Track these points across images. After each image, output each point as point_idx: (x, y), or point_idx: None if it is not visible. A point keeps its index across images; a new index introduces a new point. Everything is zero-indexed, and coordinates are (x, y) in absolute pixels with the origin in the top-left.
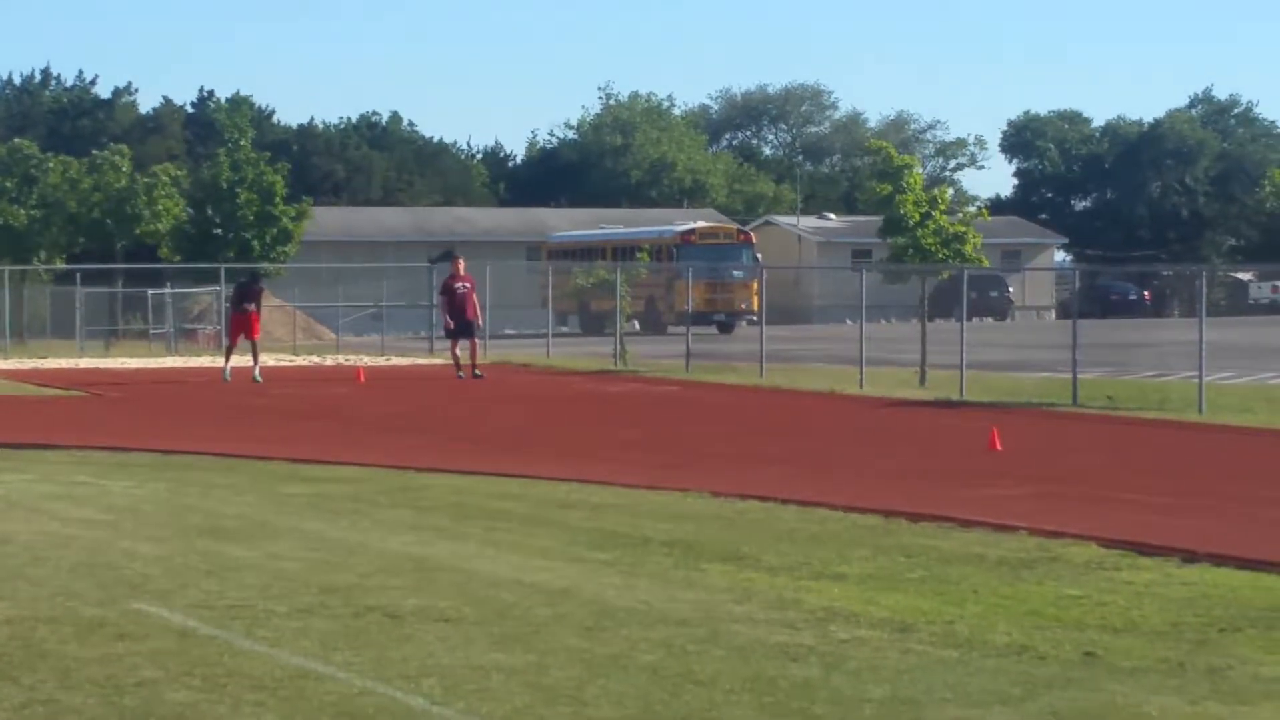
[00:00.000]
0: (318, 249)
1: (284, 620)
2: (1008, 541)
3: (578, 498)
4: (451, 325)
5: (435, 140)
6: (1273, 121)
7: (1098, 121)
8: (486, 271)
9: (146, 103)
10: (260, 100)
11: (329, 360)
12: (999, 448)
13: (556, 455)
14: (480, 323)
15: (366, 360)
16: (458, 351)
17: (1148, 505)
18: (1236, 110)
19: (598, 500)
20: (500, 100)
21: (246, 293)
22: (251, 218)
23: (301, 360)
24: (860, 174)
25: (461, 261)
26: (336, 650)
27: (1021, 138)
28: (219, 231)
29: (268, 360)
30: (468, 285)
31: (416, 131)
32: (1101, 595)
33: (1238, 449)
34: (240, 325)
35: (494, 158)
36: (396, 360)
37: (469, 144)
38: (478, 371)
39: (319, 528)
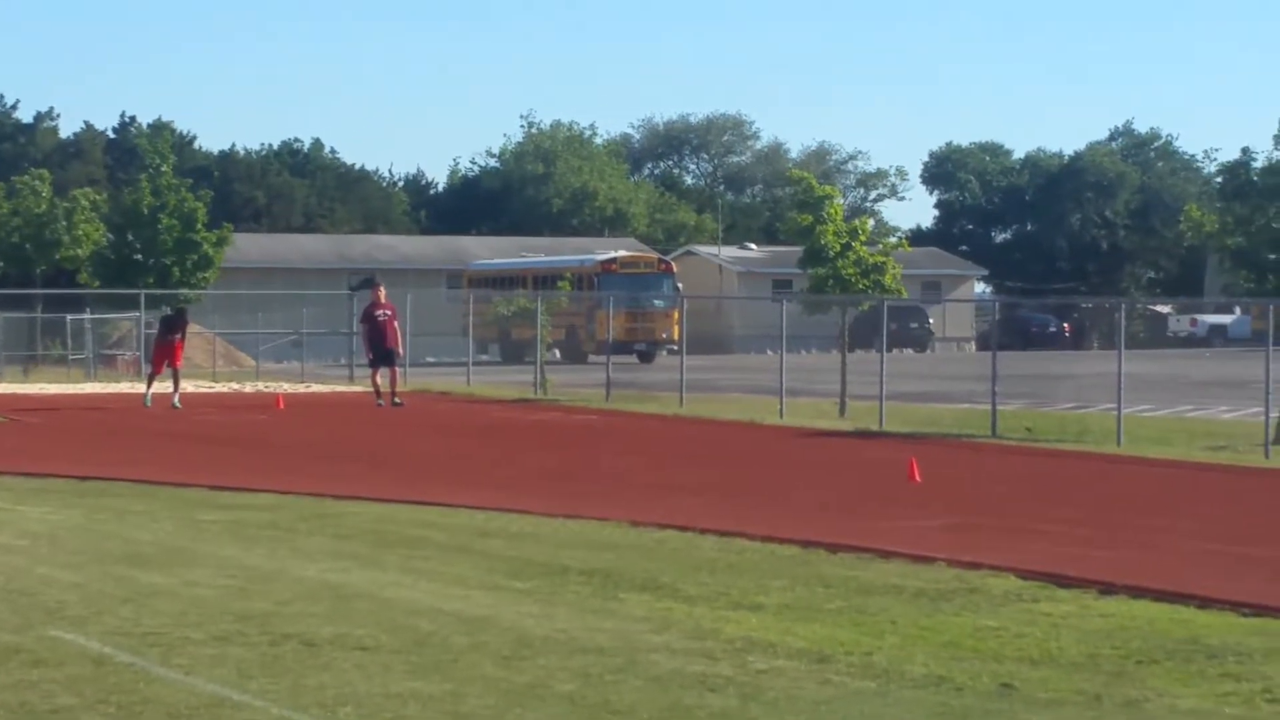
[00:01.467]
0: (238, 275)
1: (200, 648)
2: (926, 573)
3: (496, 526)
4: (372, 353)
5: (357, 167)
6: (1192, 155)
7: (1018, 153)
8: (407, 299)
9: (68, 128)
10: (182, 126)
11: (249, 387)
12: (918, 479)
13: (475, 484)
14: (401, 351)
15: (286, 387)
16: (378, 379)
17: (1066, 537)
18: (1156, 144)
19: (516, 529)
20: (422, 128)
21: (173, 324)
22: (172, 244)
23: (221, 387)
24: (781, 204)
25: (382, 289)
26: (252, 678)
27: (942, 169)
28: (139, 257)
29: (187, 387)
30: (389, 313)
31: (338, 158)
32: (1019, 627)
33: (1156, 481)
34: (164, 353)
35: (415, 185)
36: (316, 387)
37: (390, 171)
38: (397, 399)
39: (236, 555)
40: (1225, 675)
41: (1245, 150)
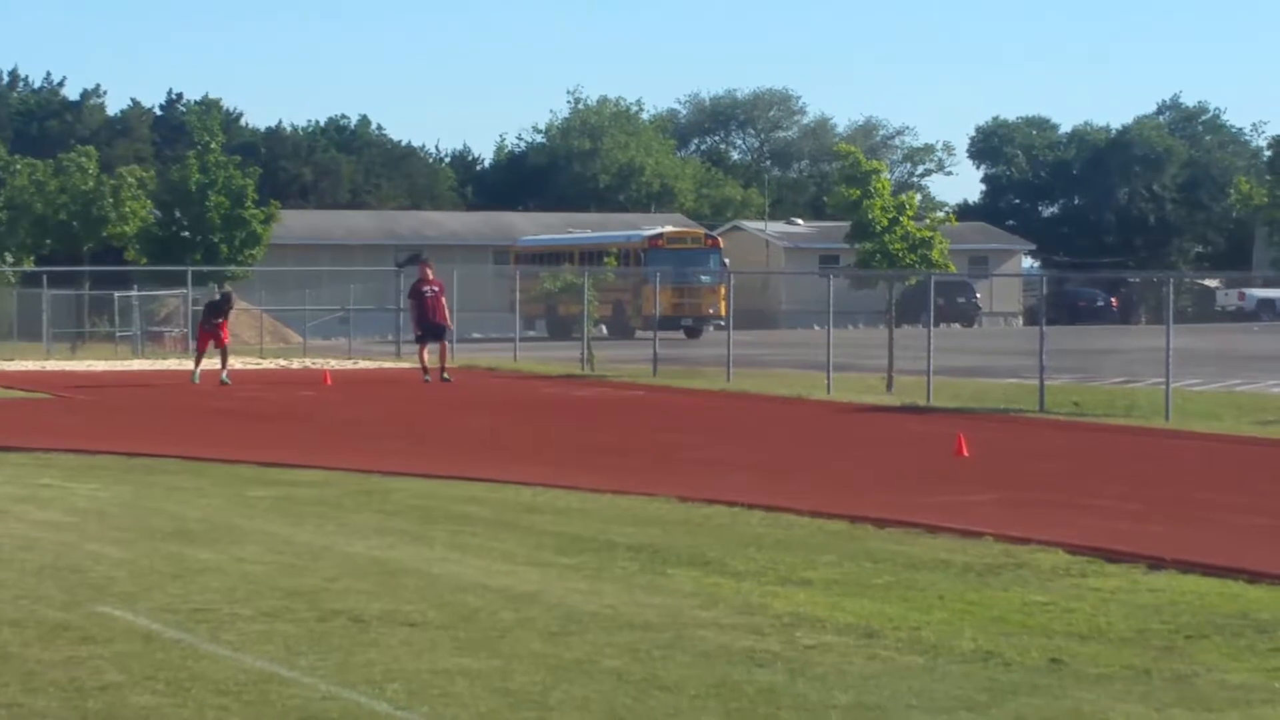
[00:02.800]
0: (285, 252)
1: (249, 624)
2: (974, 547)
3: (543, 502)
4: (419, 329)
5: (403, 143)
6: (1240, 129)
7: (1065, 128)
8: (454, 275)
9: (114, 105)
10: (229, 103)
11: (296, 363)
12: (966, 453)
13: (523, 459)
14: (450, 326)
15: (333, 363)
16: (425, 355)
17: (1115, 512)
18: (1204, 117)
19: (563, 504)
20: (469, 104)
21: (218, 309)
22: (220, 221)
23: (268, 363)
24: (828, 179)
25: (430, 265)
26: (301, 654)
27: (989, 144)
28: (187, 234)
29: (235, 363)
30: (436, 289)
31: (385, 135)
32: (1068, 602)
33: (1205, 456)
34: (209, 336)
35: (462, 161)
36: (364, 363)
37: (437, 147)
38: (446, 375)
39: (284, 531)
40: (1275, 650)
41: None
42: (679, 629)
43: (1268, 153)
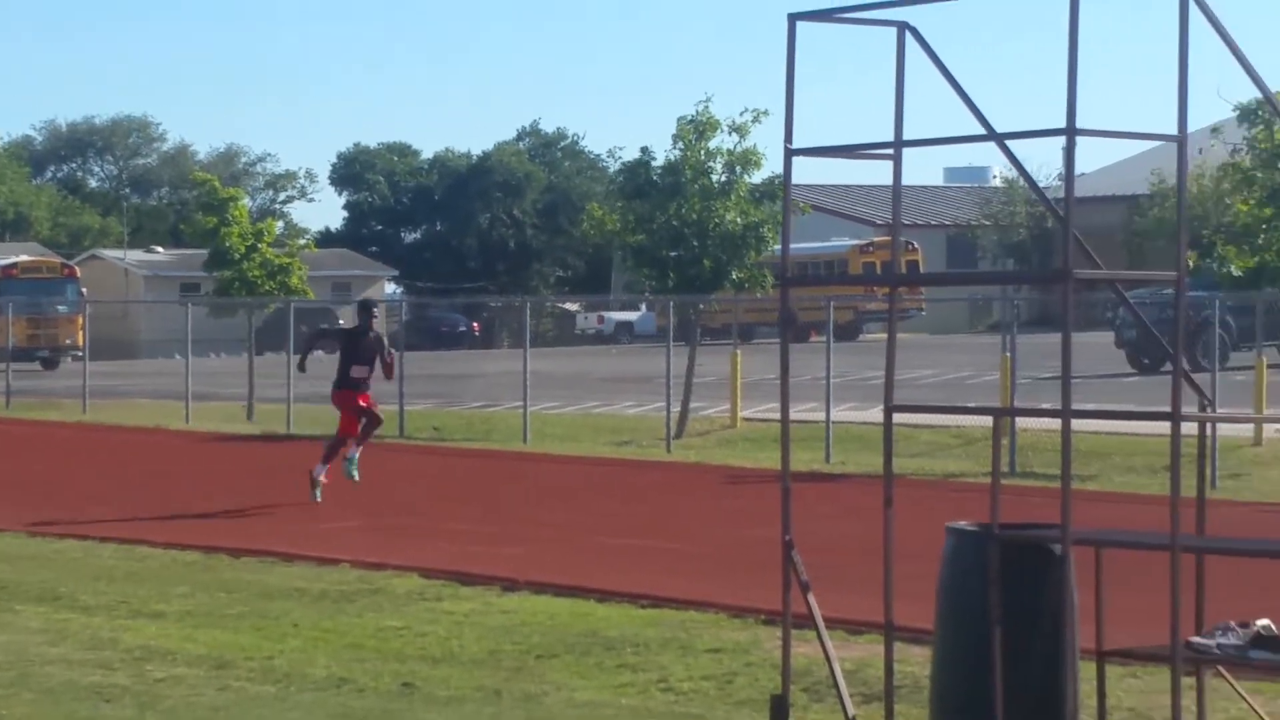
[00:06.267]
0: None
1: None
2: (331, 575)
3: None
4: None
5: None
6: (597, 155)
7: (427, 154)
8: None
9: None
10: None
11: None
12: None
13: None
14: None
15: None
16: None
17: (472, 535)
18: (563, 143)
19: None
20: None
21: (356, 346)
22: None
23: None
24: (188, 207)
25: None
26: None
27: (351, 170)
28: None
29: None
30: None
31: None
32: (422, 626)
33: (561, 477)
34: (354, 401)
35: None
36: None
37: None
38: None
39: None
40: (622, 666)
41: (645, 150)
42: (25, 666)
43: (620, 178)
